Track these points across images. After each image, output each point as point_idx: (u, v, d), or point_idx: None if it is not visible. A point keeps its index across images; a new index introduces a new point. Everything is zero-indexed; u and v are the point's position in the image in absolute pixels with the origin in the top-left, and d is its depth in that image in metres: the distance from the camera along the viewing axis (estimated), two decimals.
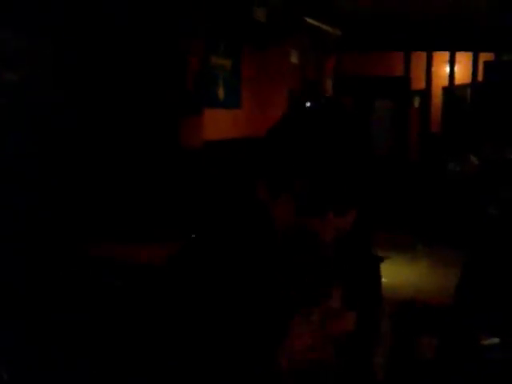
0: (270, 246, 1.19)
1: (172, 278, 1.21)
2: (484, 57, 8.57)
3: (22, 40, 3.49)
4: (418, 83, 9.43)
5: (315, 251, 1.12)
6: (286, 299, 1.17)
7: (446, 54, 9.13)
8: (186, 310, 1.16)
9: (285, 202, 1.11)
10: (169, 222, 3.82)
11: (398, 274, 6.39)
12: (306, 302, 1.15)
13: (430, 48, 8.92)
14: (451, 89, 9.37)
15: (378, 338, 1.34)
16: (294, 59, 6.72)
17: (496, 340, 2.29)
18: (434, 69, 9.35)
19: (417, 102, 9.65)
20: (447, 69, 9.25)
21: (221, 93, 5.41)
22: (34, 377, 2.76)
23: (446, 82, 9.35)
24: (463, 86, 9.26)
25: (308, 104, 1.18)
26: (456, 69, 9.21)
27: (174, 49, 4.64)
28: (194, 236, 1.24)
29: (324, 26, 7.19)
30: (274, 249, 1.18)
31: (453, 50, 8.91)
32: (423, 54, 9.21)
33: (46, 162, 3.63)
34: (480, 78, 8.71)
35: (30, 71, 3.56)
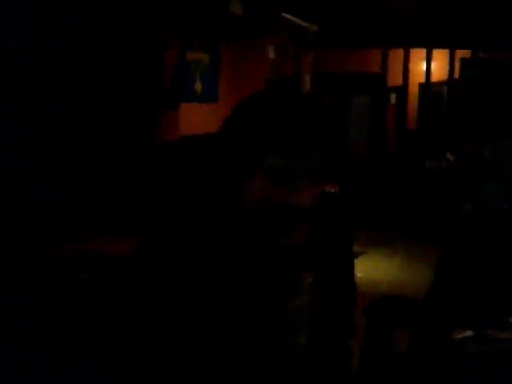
0: (237, 229, 1.19)
1: (136, 270, 1.19)
2: (461, 54, 8.64)
3: None
4: (395, 80, 9.48)
5: (293, 225, 1.14)
6: (260, 283, 1.16)
7: (422, 51, 9.19)
8: (155, 302, 1.15)
9: (258, 179, 1.14)
10: (144, 215, 3.80)
11: (374, 268, 6.42)
12: (284, 286, 1.15)
13: (407, 45, 8.97)
14: (428, 85, 9.43)
15: (352, 330, 1.34)
16: (271, 54, 6.72)
17: (470, 333, 2.31)
18: (410, 65, 9.41)
19: (393, 99, 9.70)
20: (424, 66, 9.31)
21: (198, 87, 5.38)
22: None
23: (422, 79, 9.41)
24: (440, 83, 9.33)
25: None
26: (433, 66, 9.28)
27: (150, 43, 4.61)
28: (154, 229, 1.23)
29: (301, 22, 7.19)
30: (242, 231, 1.18)
31: (429, 46, 8.96)
32: (400, 51, 9.27)
33: (22, 155, 3.58)
34: (457, 74, 8.78)
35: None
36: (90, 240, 3.54)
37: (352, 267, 1.35)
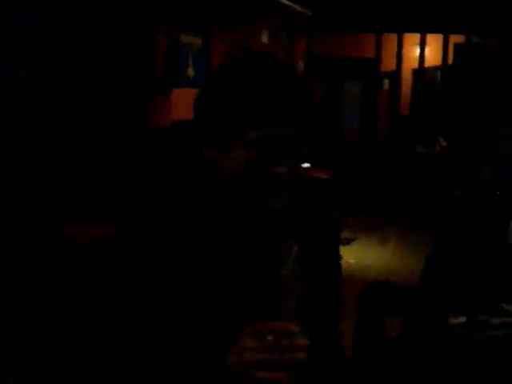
0: (215, 201, 1.19)
1: (115, 255, 1.20)
2: (454, 39, 8.62)
3: None
4: (388, 65, 9.46)
5: (271, 190, 1.14)
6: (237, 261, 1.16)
7: (416, 36, 9.16)
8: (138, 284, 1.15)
9: (237, 151, 1.14)
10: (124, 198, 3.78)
11: (366, 255, 6.44)
12: (268, 252, 1.15)
13: (401, 30, 8.94)
14: (421, 71, 9.41)
15: (339, 309, 1.34)
16: (264, 39, 6.69)
17: (463, 319, 2.32)
18: (404, 51, 9.38)
19: (387, 84, 9.68)
20: (417, 51, 9.29)
21: (190, 71, 5.35)
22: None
23: (416, 65, 9.38)
24: (433, 69, 9.31)
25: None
26: (426, 51, 9.25)
27: (142, 28, 4.57)
28: (130, 206, 1.23)
29: (295, 6, 7.15)
30: (222, 203, 1.19)
31: (423, 31, 8.94)
32: (394, 36, 9.23)
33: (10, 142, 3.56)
34: (450, 60, 8.76)
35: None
36: (78, 226, 3.53)
37: (337, 249, 1.36)
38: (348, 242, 6.49)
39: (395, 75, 9.49)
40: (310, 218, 1.27)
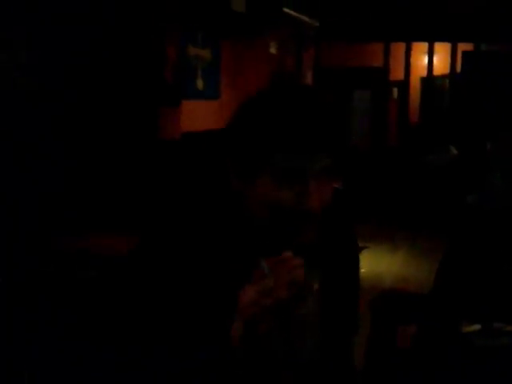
0: (241, 236, 1.14)
1: (134, 270, 1.16)
2: (463, 47, 8.61)
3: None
4: (397, 74, 9.46)
5: (301, 229, 1.09)
6: None
7: (424, 45, 9.16)
8: (152, 299, 1.12)
9: (265, 180, 1.09)
10: (144, 213, 3.79)
11: (376, 263, 6.41)
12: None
13: (409, 38, 8.94)
14: (430, 79, 9.40)
15: (356, 326, 1.33)
16: (273, 50, 6.70)
17: (477, 327, 2.30)
18: (412, 59, 9.38)
19: (395, 93, 9.68)
20: (426, 59, 9.28)
21: (199, 84, 5.37)
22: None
23: (424, 73, 9.38)
24: (442, 77, 9.30)
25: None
26: (435, 59, 9.25)
27: (151, 39, 4.59)
28: (152, 228, 1.19)
29: (302, 17, 7.17)
30: (246, 234, 1.14)
31: (431, 40, 8.94)
32: (402, 45, 9.24)
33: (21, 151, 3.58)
34: (458, 68, 8.74)
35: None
36: (89, 238, 3.53)
37: (357, 264, 1.33)
38: (359, 250, 6.45)
39: (404, 84, 9.49)
40: (329, 242, 1.23)
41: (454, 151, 8.33)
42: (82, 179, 4.03)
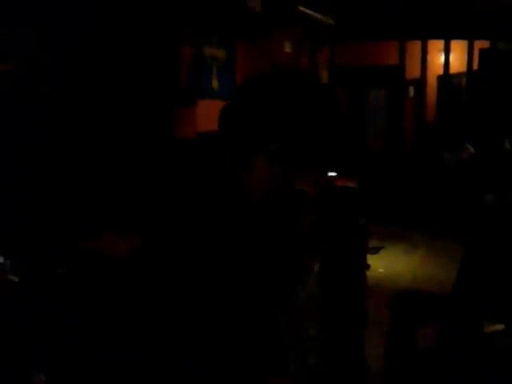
0: (239, 217, 1.16)
1: (139, 267, 1.17)
2: (479, 45, 8.54)
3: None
4: (413, 72, 9.40)
5: (299, 211, 1.12)
6: (263, 271, 1.13)
7: (440, 43, 9.09)
8: (156, 298, 1.12)
9: (260, 165, 1.11)
10: (148, 211, 3.77)
11: (394, 263, 6.37)
12: (290, 275, 1.13)
13: (425, 36, 8.88)
14: (446, 77, 9.33)
15: (364, 320, 1.32)
16: (287, 49, 6.68)
17: (500, 326, 2.27)
18: (428, 57, 9.32)
19: (412, 92, 9.62)
20: (442, 57, 9.22)
21: (215, 83, 5.36)
22: None
23: (440, 71, 9.31)
24: (458, 75, 9.23)
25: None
26: (451, 57, 9.18)
27: (166, 40, 4.60)
28: (154, 222, 1.20)
29: (317, 16, 7.14)
30: (245, 219, 1.16)
31: (448, 38, 8.87)
32: (418, 43, 9.18)
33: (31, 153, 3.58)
34: (475, 66, 8.68)
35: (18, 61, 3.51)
36: (102, 238, 3.53)
37: (363, 258, 1.33)
38: (376, 250, 6.43)
39: (420, 82, 9.42)
40: (335, 228, 1.26)
41: (471, 149, 8.26)
42: (97, 180, 4.03)
